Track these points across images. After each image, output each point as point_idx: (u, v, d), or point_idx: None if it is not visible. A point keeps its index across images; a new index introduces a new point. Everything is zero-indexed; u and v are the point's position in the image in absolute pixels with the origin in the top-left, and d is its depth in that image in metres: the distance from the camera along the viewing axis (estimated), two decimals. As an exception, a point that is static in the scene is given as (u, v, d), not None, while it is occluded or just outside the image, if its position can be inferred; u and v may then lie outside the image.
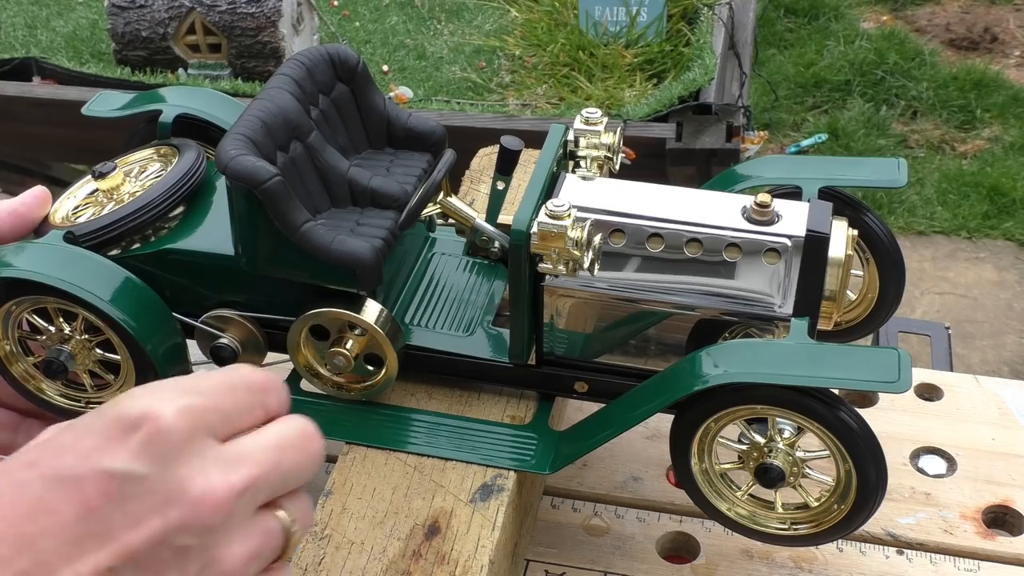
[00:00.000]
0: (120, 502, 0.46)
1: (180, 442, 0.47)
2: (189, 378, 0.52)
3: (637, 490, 0.77)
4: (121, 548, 0.46)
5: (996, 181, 2.87)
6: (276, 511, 0.51)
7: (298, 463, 0.51)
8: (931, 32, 3.49)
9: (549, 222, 0.62)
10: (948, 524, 0.74)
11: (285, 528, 0.51)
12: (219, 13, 2.21)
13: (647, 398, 0.63)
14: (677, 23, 2.29)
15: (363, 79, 0.72)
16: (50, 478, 0.46)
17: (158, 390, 0.50)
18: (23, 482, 0.46)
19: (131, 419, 0.47)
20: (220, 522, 0.47)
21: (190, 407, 0.48)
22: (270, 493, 0.50)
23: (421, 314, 0.74)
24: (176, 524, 0.46)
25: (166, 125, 0.76)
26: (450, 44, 2.46)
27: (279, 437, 0.51)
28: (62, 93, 2.15)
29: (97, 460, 0.46)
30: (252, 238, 0.66)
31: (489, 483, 0.66)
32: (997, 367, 2.40)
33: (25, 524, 0.45)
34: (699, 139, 1.94)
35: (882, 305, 0.75)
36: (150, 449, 0.47)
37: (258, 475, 0.49)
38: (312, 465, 0.52)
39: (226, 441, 0.50)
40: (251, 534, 0.49)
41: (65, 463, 0.46)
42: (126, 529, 0.46)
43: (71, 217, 0.72)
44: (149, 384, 0.51)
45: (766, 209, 0.64)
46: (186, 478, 0.47)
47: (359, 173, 0.69)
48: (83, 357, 0.69)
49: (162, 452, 0.47)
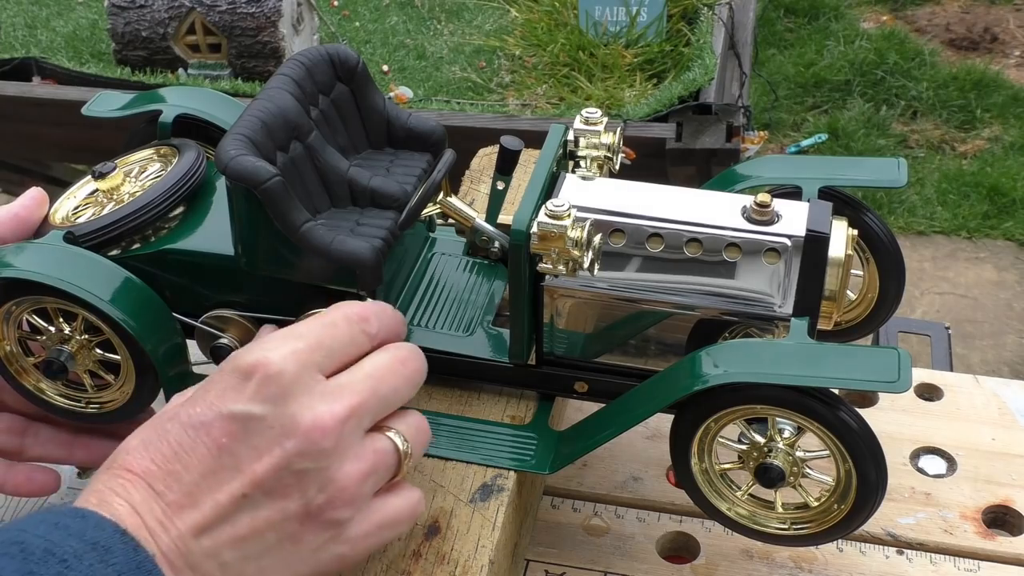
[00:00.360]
0: (244, 439, 0.54)
1: (289, 382, 0.55)
2: (295, 325, 0.60)
3: (637, 490, 0.77)
4: (250, 477, 0.54)
5: (996, 181, 2.87)
6: (386, 432, 0.58)
7: (395, 387, 0.59)
8: (931, 32, 3.49)
9: (549, 222, 0.62)
10: (948, 524, 0.74)
11: (396, 446, 0.58)
12: (219, 13, 2.21)
13: (647, 398, 0.63)
14: (677, 23, 2.29)
15: (363, 79, 0.72)
16: (185, 424, 0.55)
17: (268, 340, 0.58)
18: (166, 431, 0.55)
19: (245, 368, 0.56)
20: (331, 446, 0.55)
21: (294, 351, 0.56)
22: (373, 417, 0.58)
23: (421, 314, 0.74)
24: (293, 452, 0.54)
25: (166, 125, 0.76)
26: (450, 44, 2.46)
27: (375, 366, 0.59)
28: (62, 93, 2.15)
29: (220, 406, 0.55)
30: (252, 238, 0.66)
31: (489, 483, 0.66)
32: (997, 367, 2.40)
33: (171, 464, 0.54)
34: (699, 139, 1.94)
35: (882, 305, 0.75)
36: (263, 392, 0.55)
37: (358, 403, 0.56)
38: (409, 387, 0.60)
39: (335, 374, 0.58)
40: (362, 454, 0.57)
41: (196, 411, 0.55)
42: (252, 461, 0.54)
43: (71, 217, 0.72)
44: (263, 337, 0.59)
45: (766, 209, 0.64)
46: (296, 413, 0.55)
47: (359, 173, 0.69)
48: (83, 357, 0.69)
49: (274, 393, 0.55)
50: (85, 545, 0.50)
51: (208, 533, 0.54)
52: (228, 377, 0.56)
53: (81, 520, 0.52)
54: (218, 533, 0.54)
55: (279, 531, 0.55)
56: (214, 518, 0.54)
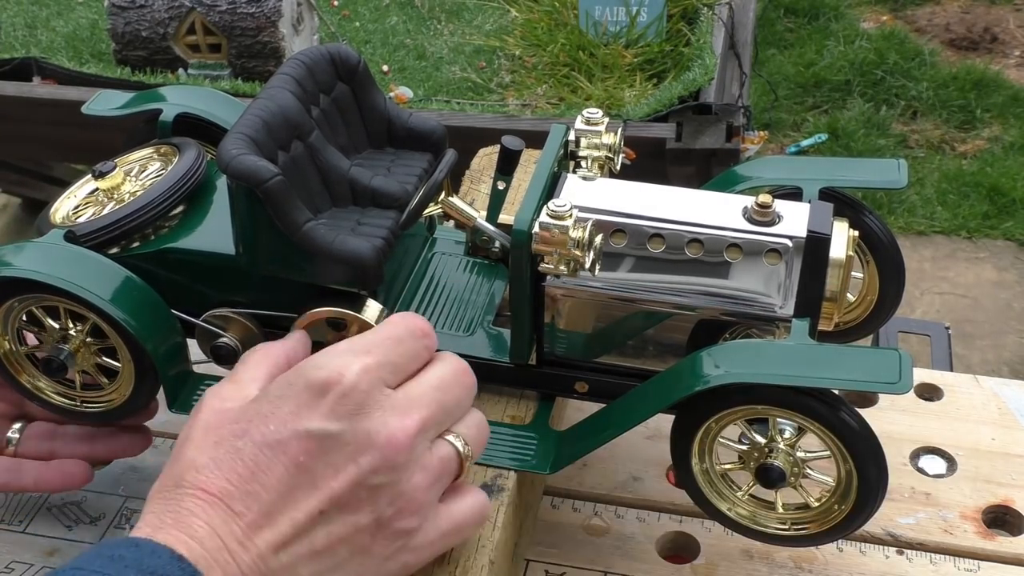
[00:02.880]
0: (321, 457, 0.55)
1: (362, 399, 0.56)
2: (360, 338, 0.60)
3: (637, 490, 0.77)
4: (327, 494, 0.55)
5: (996, 181, 2.87)
6: (447, 437, 0.59)
7: (457, 398, 0.60)
8: (931, 32, 3.49)
9: (551, 222, 0.62)
10: (948, 524, 0.74)
11: (458, 451, 0.59)
12: (219, 13, 2.21)
13: (648, 398, 0.63)
14: (677, 23, 2.29)
15: (364, 78, 0.72)
16: (260, 443, 0.55)
17: (337, 355, 0.58)
18: (238, 449, 0.55)
19: (319, 384, 0.56)
20: (404, 461, 0.56)
21: (366, 367, 0.57)
22: (439, 428, 0.59)
23: (421, 314, 0.74)
24: (368, 468, 0.55)
25: (166, 124, 0.76)
26: (450, 44, 2.45)
27: (440, 378, 0.60)
28: (62, 93, 2.14)
29: (296, 423, 0.55)
30: (253, 237, 0.66)
31: (489, 483, 0.66)
32: (997, 367, 2.40)
33: (249, 484, 0.54)
34: (699, 139, 1.94)
35: (882, 306, 0.75)
36: (338, 409, 0.55)
37: (427, 416, 0.57)
38: (469, 397, 0.61)
39: (398, 387, 0.58)
40: (429, 464, 0.58)
41: (270, 429, 0.55)
42: (329, 478, 0.55)
43: (71, 217, 0.72)
44: (327, 350, 0.59)
45: (767, 210, 0.64)
46: (371, 429, 0.55)
47: (360, 173, 0.69)
48: (83, 356, 0.69)
49: (349, 410, 0.55)
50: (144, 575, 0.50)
51: (286, 550, 0.54)
52: (301, 393, 0.56)
53: (136, 549, 0.51)
54: (295, 549, 0.55)
55: (351, 544, 0.56)
56: (292, 535, 0.54)
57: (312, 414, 0.55)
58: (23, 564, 0.74)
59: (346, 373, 0.56)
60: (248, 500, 0.54)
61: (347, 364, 0.57)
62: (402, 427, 0.56)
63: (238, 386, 0.60)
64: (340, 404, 0.55)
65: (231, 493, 0.54)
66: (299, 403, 0.56)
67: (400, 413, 0.57)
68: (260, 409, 0.56)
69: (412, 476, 0.57)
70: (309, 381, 0.56)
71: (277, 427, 0.55)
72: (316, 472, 0.55)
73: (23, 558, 0.75)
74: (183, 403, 0.70)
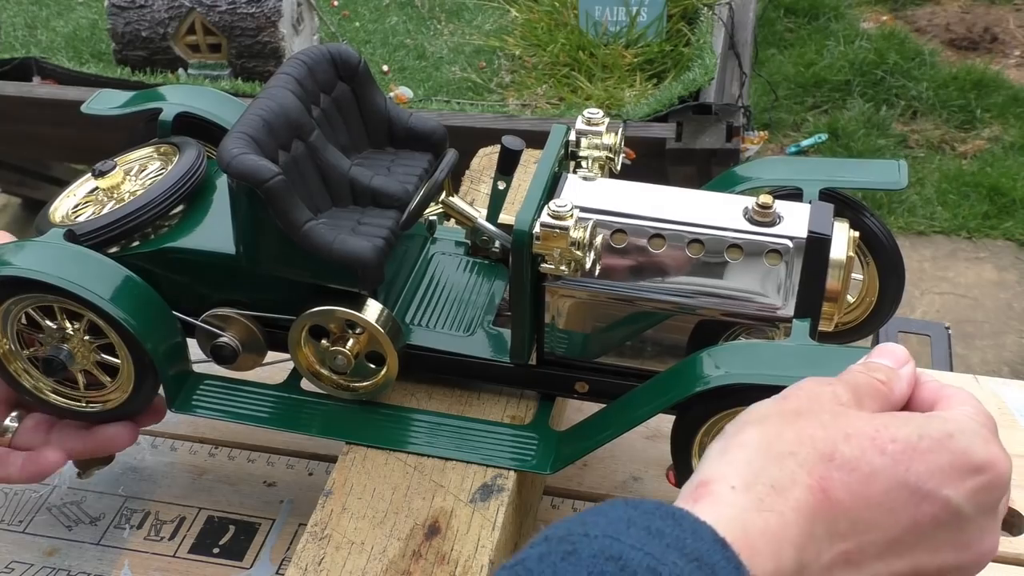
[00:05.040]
0: (936, 529, 0.51)
1: (997, 500, 0.53)
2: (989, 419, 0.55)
3: (637, 490, 0.77)
4: (912, 564, 0.51)
5: (996, 181, 2.87)
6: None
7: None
8: (931, 32, 3.49)
9: (552, 222, 0.62)
10: (949, 525, 0.74)
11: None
12: (219, 13, 2.21)
13: (648, 399, 0.63)
14: (677, 23, 2.29)
15: (364, 78, 0.72)
16: (903, 482, 0.50)
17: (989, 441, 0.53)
18: (874, 470, 0.50)
19: (979, 462, 0.52)
20: (976, 571, 0.54)
21: (1011, 466, 0.53)
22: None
23: (422, 314, 0.74)
24: (953, 565, 0.52)
25: (166, 123, 0.76)
26: (450, 44, 2.45)
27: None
28: (62, 93, 2.15)
29: (942, 485, 0.51)
30: (253, 237, 0.66)
31: (489, 483, 0.66)
32: (997, 367, 2.40)
33: (865, 511, 0.49)
34: (699, 139, 1.94)
35: (882, 306, 0.75)
36: (981, 496, 0.52)
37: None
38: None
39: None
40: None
41: (920, 471, 0.51)
42: (926, 552, 0.51)
43: (71, 216, 0.72)
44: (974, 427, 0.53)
45: (768, 210, 0.64)
46: (985, 530, 0.53)
47: (360, 172, 0.69)
48: (83, 356, 0.69)
49: (987, 501, 0.52)
50: (686, 561, 0.44)
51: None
52: (959, 457, 0.52)
53: (674, 524, 0.46)
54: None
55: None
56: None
57: (960, 486, 0.51)
58: (23, 564, 0.74)
59: (1003, 466, 0.53)
60: (855, 527, 0.49)
61: (1003, 459, 0.53)
62: (995, 544, 0.54)
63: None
64: (984, 492, 0.52)
65: (843, 506, 0.49)
66: (954, 467, 0.51)
67: (998, 534, 0.54)
68: (917, 443, 0.52)
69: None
70: (971, 454, 0.52)
71: (925, 476, 0.51)
72: (922, 539, 0.51)
73: (23, 558, 0.75)
74: (183, 403, 0.70)
